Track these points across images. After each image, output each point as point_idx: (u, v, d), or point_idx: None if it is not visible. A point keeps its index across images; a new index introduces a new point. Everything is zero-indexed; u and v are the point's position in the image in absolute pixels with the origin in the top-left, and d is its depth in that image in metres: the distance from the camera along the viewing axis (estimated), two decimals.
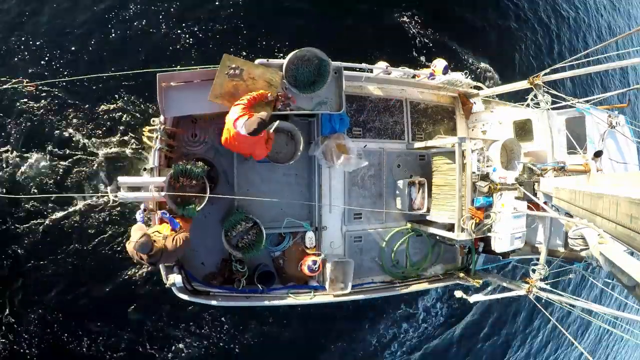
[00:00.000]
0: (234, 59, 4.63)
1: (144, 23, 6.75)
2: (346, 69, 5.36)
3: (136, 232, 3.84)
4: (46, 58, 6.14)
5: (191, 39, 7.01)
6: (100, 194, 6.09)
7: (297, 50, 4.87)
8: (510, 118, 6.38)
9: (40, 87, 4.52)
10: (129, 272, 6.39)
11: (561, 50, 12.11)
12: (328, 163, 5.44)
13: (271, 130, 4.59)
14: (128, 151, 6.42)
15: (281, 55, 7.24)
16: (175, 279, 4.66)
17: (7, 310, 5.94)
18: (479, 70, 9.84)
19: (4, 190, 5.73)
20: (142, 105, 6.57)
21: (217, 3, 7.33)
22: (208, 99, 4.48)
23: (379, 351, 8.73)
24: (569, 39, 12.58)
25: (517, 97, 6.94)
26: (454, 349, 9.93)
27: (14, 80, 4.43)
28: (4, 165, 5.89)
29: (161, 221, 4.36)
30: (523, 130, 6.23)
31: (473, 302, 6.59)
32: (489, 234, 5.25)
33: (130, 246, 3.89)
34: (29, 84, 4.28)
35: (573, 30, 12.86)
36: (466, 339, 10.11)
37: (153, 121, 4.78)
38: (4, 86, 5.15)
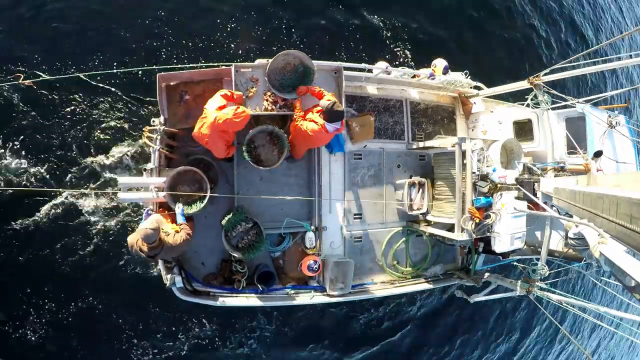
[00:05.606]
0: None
1: (144, 23, 6.76)
2: (346, 69, 5.32)
3: (149, 222, 3.92)
4: (44, 55, 6.14)
5: (191, 39, 7.01)
6: (97, 191, 6.08)
7: (282, 57, 4.76)
8: (510, 118, 6.38)
9: (36, 83, 4.47)
10: (124, 270, 6.39)
11: (561, 50, 12.09)
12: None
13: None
14: (128, 152, 6.42)
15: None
16: (175, 279, 4.67)
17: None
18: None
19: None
20: (142, 105, 6.57)
21: (216, 3, 7.34)
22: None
23: (374, 350, 8.73)
24: (569, 39, 12.57)
25: (517, 97, 6.93)
26: (452, 349, 9.92)
27: (15, 76, 4.39)
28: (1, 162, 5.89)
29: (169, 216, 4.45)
30: (523, 130, 6.23)
31: (473, 302, 6.59)
32: (489, 234, 5.24)
33: (133, 236, 4.00)
34: (26, 81, 4.24)
35: (573, 30, 12.84)
36: (464, 338, 10.10)
37: (153, 121, 4.78)
38: (1, 84, 5.12)
